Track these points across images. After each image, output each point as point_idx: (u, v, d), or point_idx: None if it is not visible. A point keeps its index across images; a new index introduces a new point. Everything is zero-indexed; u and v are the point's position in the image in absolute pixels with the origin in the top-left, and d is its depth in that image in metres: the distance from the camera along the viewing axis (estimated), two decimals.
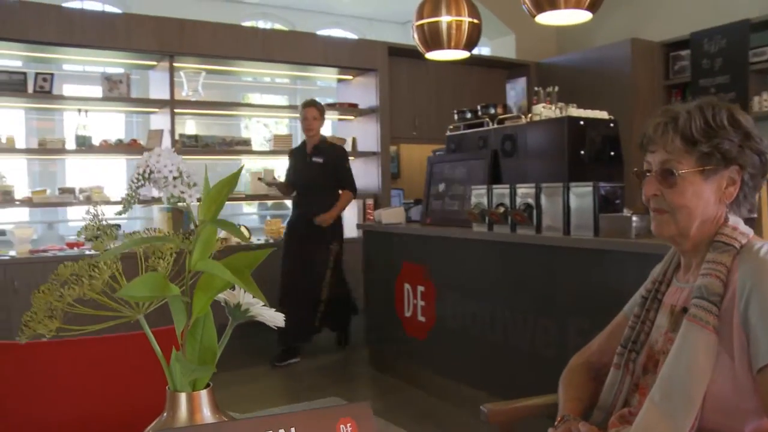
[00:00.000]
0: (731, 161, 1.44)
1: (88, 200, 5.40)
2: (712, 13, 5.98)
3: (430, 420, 3.92)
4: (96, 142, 5.42)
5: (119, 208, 0.89)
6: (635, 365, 1.56)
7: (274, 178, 5.87)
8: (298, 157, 5.46)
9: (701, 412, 1.34)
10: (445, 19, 4.34)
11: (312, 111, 5.32)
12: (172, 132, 5.53)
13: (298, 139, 9.16)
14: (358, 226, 5.44)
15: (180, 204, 0.88)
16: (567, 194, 3.43)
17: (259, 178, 5.93)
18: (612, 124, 3.91)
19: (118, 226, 4.34)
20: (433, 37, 4.38)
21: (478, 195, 3.97)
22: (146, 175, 0.86)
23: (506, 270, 3.76)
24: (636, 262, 2.86)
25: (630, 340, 1.59)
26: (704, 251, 1.47)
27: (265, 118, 9.16)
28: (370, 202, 6.31)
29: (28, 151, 5.32)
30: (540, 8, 3.58)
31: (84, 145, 5.34)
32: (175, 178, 0.87)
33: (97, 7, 8.93)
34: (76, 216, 5.89)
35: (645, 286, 1.66)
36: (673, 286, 1.58)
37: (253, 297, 0.92)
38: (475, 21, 4.40)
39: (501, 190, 3.81)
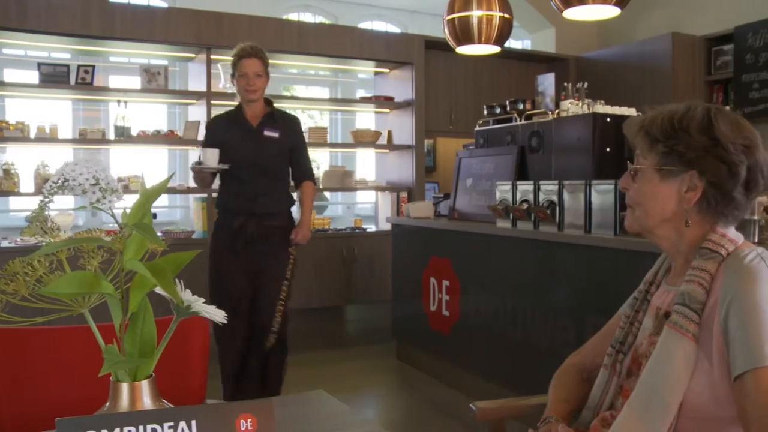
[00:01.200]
0: (689, 165, 1.42)
1: (126, 189, 5.54)
2: (757, 6, 5.83)
3: (451, 413, 3.95)
4: (135, 132, 5.54)
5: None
6: (622, 367, 1.56)
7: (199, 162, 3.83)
8: (236, 129, 3.78)
9: (677, 419, 1.34)
10: (476, 13, 4.33)
11: (255, 64, 3.69)
12: None
13: (339, 131, 9.24)
14: (388, 220, 5.47)
15: (103, 209, 0.92)
16: (589, 192, 3.40)
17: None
18: None
19: (155, 215, 4.39)
20: (463, 32, 4.39)
21: (503, 191, 3.96)
22: (61, 184, 0.91)
23: (528, 267, 3.75)
24: (653, 262, 2.83)
25: (618, 341, 1.59)
26: (691, 256, 1.46)
27: (308, 109, 9.26)
28: (404, 195, 6.33)
29: (69, 141, 5.47)
30: (568, 3, 3.57)
31: (123, 136, 5.47)
32: (92, 185, 0.91)
33: (143, 1, 9.12)
34: (118, 204, 5.99)
35: (638, 288, 1.66)
36: (662, 288, 1.57)
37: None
38: (506, 16, 4.38)
39: (525, 187, 3.79)
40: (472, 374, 4.16)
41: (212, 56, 5.65)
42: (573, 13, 3.62)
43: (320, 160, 8.60)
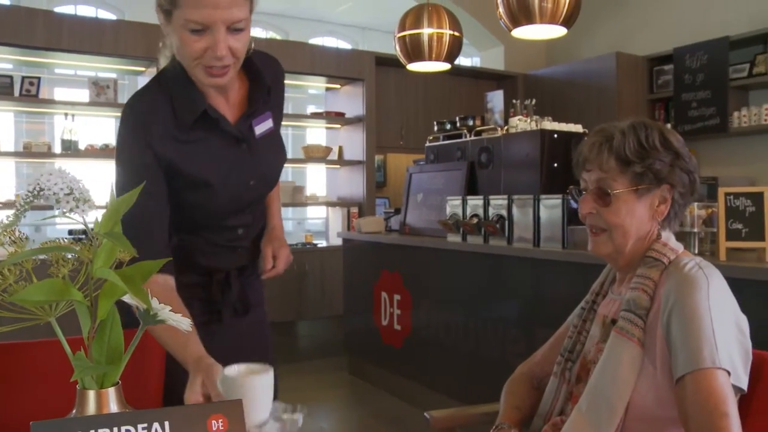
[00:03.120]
0: (662, 180, 1.49)
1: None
2: (694, 29, 6.06)
3: (403, 426, 3.97)
4: (82, 146, 5.46)
5: (94, 212, 0.96)
6: (571, 374, 1.61)
7: None
8: (204, 136, 1.72)
9: (624, 420, 1.39)
10: (426, 31, 4.41)
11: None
12: None
13: (289, 147, 9.25)
14: (339, 235, 5.49)
15: (77, 218, 0.93)
16: (537, 206, 3.48)
17: None
18: (587, 138, 3.96)
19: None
20: (414, 49, 4.46)
21: (453, 206, 4.02)
22: (36, 193, 0.92)
23: (479, 280, 3.81)
24: (600, 273, 2.91)
25: (567, 350, 1.65)
26: (636, 265, 1.52)
27: None
28: (354, 210, 6.36)
29: (13, 154, 5.37)
30: (516, 22, 3.65)
31: (70, 149, 5.38)
32: (66, 195, 0.93)
33: (91, 12, 9.01)
34: (64, 219, 5.88)
35: (585, 298, 1.72)
36: (608, 297, 1.63)
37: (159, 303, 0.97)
38: (456, 34, 4.47)
39: (475, 201, 3.86)
40: (424, 387, 4.20)
41: None
42: (521, 32, 3.71)
43: None
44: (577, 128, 4.02)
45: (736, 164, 5.58)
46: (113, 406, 0.96)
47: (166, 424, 0.91)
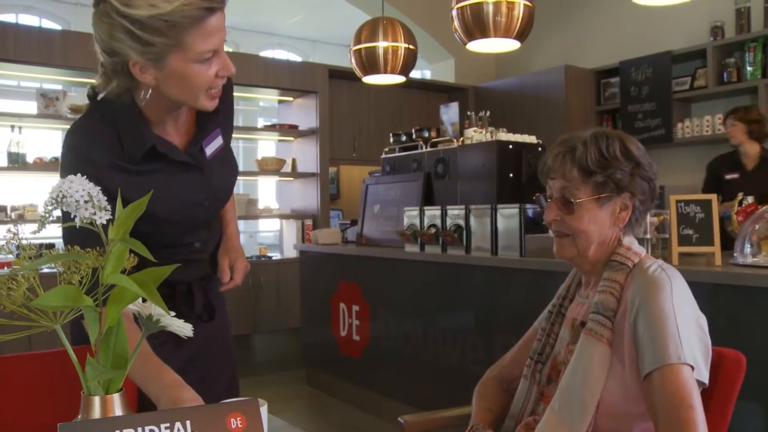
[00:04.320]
0: (623, 189, 1.56)
1: (20, 218, 5.31)
2: (639, 44, 6.25)
3: None
4: (30, 159, 5.35)
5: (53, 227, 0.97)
6: (541, 375, 1.66)
7: None
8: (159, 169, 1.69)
9: (595, 417, 1.45)
10: (381, 44, 4.47)
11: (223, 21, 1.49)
12: None
13: (240, 159, 9.21)
14: (295, 247, 5.48)
15: (91, 225, 0.95)
16: (495, 216, 3.54)
17: None
18: (540, 148, 4.06)
19: (53, 245, 4.16)
20: (369, 62, 4.51)
21: (411, 216, 4.07)
22: (59, 200, 0.93)
23: (437, 289, 3.86)
24: (560, 281, 2.98)
25: (537, 352, 1.70)
26: (601, 270, 1.59)
27: None
28: (309, 222, 6.36)
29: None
30: (471, 36, 3.71)
31: (17, 162, 5.26)
32: (86, 202, 0.94)
33: (34, 22, 8.83)
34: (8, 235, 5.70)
35: (552, 302, 1.77)
36: (575, 301, 1.69)
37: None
38: (411, 47, 4.54)
39: (432, 212, 3.91)
40: (384, 397, 4.22)
41: None
42: (476, 45, 3.78)
43: None
44: (531, 139, 4.11)
45: (681, 173, 5.77)
46: (118, 412, 0.97)
47: (188, 423, 0.93)
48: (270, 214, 6.63)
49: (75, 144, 1.60)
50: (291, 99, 6.76)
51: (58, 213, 0.97)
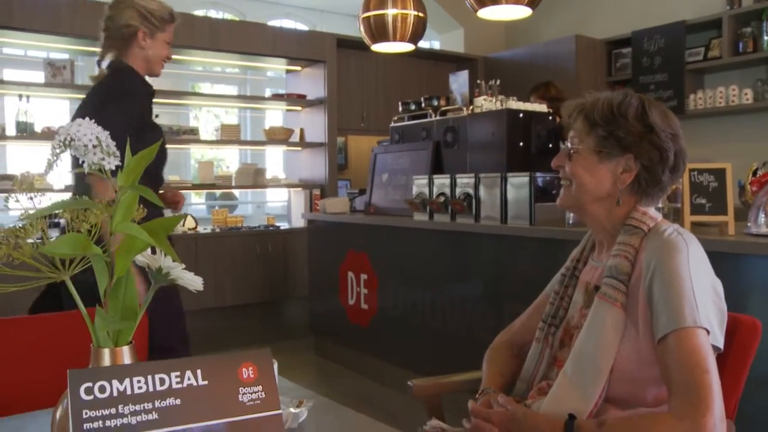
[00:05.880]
0: (626, 149, 1.54)
1: (30, 188, 5.30)
2: (651, 13, 6.16)
3: (371, 404, 3.99)
4: (38, 128, 5.33)
5: (61, 195, 0.95)
6: (554, 339, 1.65)
7: None
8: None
9: (608, 382, 1.44)
10: (390, 12, 4.41)
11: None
12: None
13: (248, 129, 9.17)
14: (303, 216, 5.47)
15: (99, 171, 0.93)
16: (504, 184, 3.52)
17: None
18: (551, 117, 4.02)
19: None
20: (378, 30, 4.45)
21: (420, 185, 4.05)
22: (67, 142, 0.91)
23: (446, 258, 3.85)
24: (569, 250, 2.98)
25: (550, 315, 1.69)
26: (616, 233, 1.57)
27: (214, 107, 9.11)
28: (317, 192, 6.35)
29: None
30: (482, 3, 3.66)
31: (25, 132, 5.25)
32: (94, 146, 0.92)
33: None
34: (17, 204, 5.70)
35: (565, 265, 1.76)
36: (588, 264, 1.68)
37: (172, 260, 0.97)
38: (420, 15, 4.48)
39: (442, 180, 3.89)
40: (392, 365, 4.23)
41: None
42: (487, 13, 3.73)
43: (230, 158, 8.50)
44: (542, 108, 4.07)
45: (693, 145, 5.67)
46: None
47: (198, 372, 0.93)
48: (278, 184, 6.61)
49: (114, 86, 2.67)
50: (299, 68, 6.71)
51: (66, 156, 0.95)
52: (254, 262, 5.72)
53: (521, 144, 3.89)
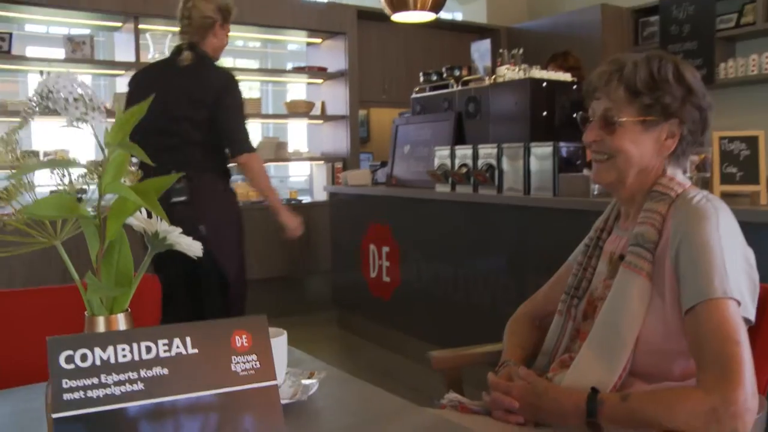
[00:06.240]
0: (671, 115, 1.47)
1: (53, 163, 5.32)
2: None
3: (393, 377, 3.98)
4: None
5: (83, 171, 0.92)
6: (577, 311, 1.60)
7: None
8: None
9: (633, 355, 1.39)
10: None
11: None
12: None
13: (269, 103, 9.13)
14: (325, 189, 5.44)
15: (83, 126, 0.88)
16: (528, 155, 3.45)
17: None
18: (575, 86, 3.93)
19: (84, 190, 4.23)
20: None
21: (442, 156, 3.99)
22: (44, 95, 0.87)
23: (468, 230, 3.80)
24: (594, 220, 2.92)
25: (572, 287, 1.63)
26: (642, 201, 1.50)
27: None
28: (339, 165, 6.31)
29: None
30: None
31: (47, 108, 5.25)
32: (75, 100, 0.87)
33: None
34: (43, 181, 5.74)
35: (588, 235, 1.70)
36: (613, 234, 1.62)
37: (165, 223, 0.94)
38: None
39: (464, 151, 3.83)
40: (413, 338, 4.20)
41: (140, 26, 5.47)
42: None
43: (252, 132, 8.48)
44: (566, 77, 3.98)
45: (723, 115, 5.57)
46: None
47: (188, 339, 0.89)
48: (300, 158, 6.58)
49: (228, 72, 3.41)
50: (319, 41, 6.64)
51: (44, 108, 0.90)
52: (276, 236, 5.70)
53: (545, 114, 3.81)
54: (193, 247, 0.96)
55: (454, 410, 1.57)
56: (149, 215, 0.97)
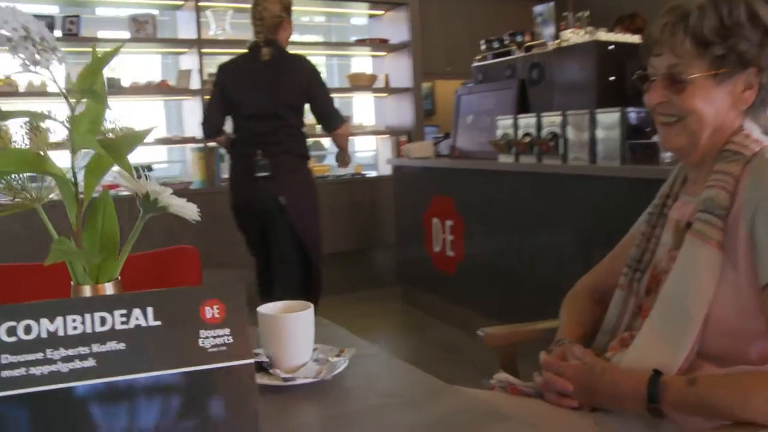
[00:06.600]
0: (748, 63, 1.28)
1: None
2: None
3: (455, 353, 3.91)
4: (126, 84, 5.42)
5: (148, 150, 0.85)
6: (639, 286, 1.45)
7: None
8: None
9: (703, 334, 1.25)
10: None
11: None
12: (201, 71, 5.50)
13: (335, 77, 9.10)
14: (388, 162, 5.38)
15: (35, 70, 0.79)
16: (594, 122, 3.30)
17: None
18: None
19: (150, 167, 4.26)
20: None
21: (505, 126, 3.87)
22: None
23: (532, 201, 3.68)
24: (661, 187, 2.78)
25: (635, 259, 1.49)
26: (712, 162, 1.34)
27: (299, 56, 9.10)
28: (404, 139, 6.22)
29: (58, 94, 5.34)
30: None
31: (114, 87, 5.35)
32: (24, 38, 0.76)
33: None
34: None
35: (653, 202, 1.56)
36: (679, 200, 1.46)
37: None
38: None
39: (527, 120, 3.70)
40: (477, 313, 4.11)
41: (200, 3, 5.50)
42: None
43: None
44: (635, 39, 3.78)
45: None
46: None
47: (149, 310, 0.77)
48: (364, 131, 6.53)
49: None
50: (381, 13, 6.54)
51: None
52: (342, 210, 5.69)
53: (612, 79, 3.63)
54: (187, 210, 0.88)
55: (504, 392, 1.47)
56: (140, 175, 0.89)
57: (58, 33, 5.15)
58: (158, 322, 0.77)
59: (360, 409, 1.04)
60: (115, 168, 0.84)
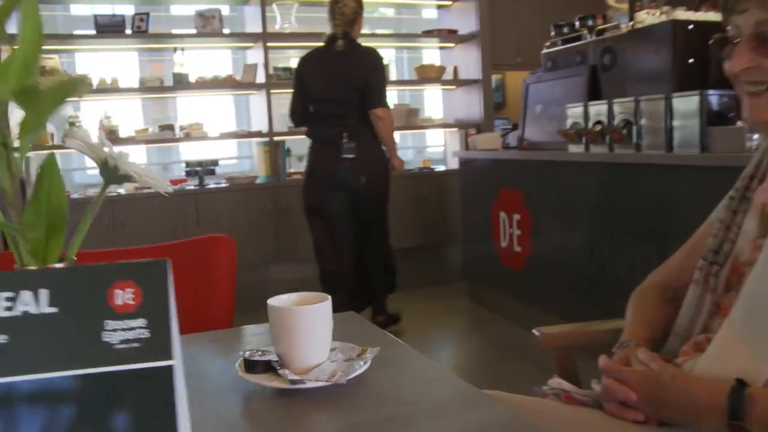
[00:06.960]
0: None
1: (187, 137, 5.46)
2: None
3: (519, 353, 3.74)
4: (192, 78, 5.44)
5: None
6: (717, 281, 1.25)
7: None
8: None
9: None
10: None
11: None
12: (266, 65, 5.48)
13: (405, 69, 9.00)
14: (455, 154, 5.23)
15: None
16: (670, 107, 3.07)
17: None
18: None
19: (216, 162, 4.30)
20: None
21: (574, 114, 3.67)
22: None
23: (604, 192, 3.47)
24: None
25: (712, 251, 1.29)
26: None
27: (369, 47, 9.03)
28: (472, 132, 6.06)
29: (128, 90, 5.41)
30: None
31: (181, 83, 5.38)
32: None
33: None
34: (187, 156, 5.93)
35: (734, 186, 1.36)
36: (766, 182, 1.25)
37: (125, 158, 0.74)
38: None
39: (598, 107, 3.49)
40: (545, 312, 3.92)
41: None
42: None
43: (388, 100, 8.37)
44: (717, 17, 3.51)
45: None
46: None
47: (44, 293, 0.58)
48: (432, 124, 6.40)
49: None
50: (450, 3, 6.40)
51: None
52: (408, 205, 5.59)
53: (691, 61, 3.38)
54: (157, 182, 0.76)
55: (557, 400, 1.30)
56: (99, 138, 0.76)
57: (128, 31, 5.22)
58: (54, 309, 0.58)
59: (374, 420, 0.90)
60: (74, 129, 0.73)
